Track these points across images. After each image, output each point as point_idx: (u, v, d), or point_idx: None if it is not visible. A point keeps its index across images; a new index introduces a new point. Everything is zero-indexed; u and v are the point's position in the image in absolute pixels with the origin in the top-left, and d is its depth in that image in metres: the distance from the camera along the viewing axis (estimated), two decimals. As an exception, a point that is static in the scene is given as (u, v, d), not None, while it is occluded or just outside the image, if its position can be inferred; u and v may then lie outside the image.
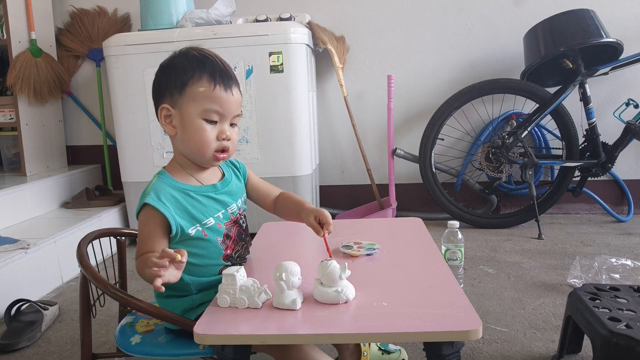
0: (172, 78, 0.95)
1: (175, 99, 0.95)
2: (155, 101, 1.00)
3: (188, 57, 0.97)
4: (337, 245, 1.14)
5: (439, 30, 2.77)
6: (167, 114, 0.96)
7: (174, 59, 0.98)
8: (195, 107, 0.94)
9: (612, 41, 2.29)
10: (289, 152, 2.31)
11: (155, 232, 0.92)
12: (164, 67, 0.99)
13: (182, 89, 0.94)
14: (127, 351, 1.01)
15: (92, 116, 3.06)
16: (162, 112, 0.97)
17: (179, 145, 0.99)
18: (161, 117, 0.97)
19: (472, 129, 2.78)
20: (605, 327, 1.06)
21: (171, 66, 0.97)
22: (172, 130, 0.97)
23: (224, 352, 0.81)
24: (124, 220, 2.59)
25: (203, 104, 0.94)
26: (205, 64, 0.95)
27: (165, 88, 0.96)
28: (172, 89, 0.95)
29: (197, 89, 0.93)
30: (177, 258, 0.80)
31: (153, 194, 0.93)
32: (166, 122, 0.97)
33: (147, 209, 0.92)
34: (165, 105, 0.96)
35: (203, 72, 0.94)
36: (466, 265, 1.89)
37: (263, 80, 2.26)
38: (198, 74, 0.94)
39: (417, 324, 0.76)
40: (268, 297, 0.85)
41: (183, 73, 0.95)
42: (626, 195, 2.73)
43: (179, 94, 0.95)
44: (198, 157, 0.98)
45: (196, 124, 0.94)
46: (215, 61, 0.96)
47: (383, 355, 1.27)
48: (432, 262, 1.03)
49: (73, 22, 2.96)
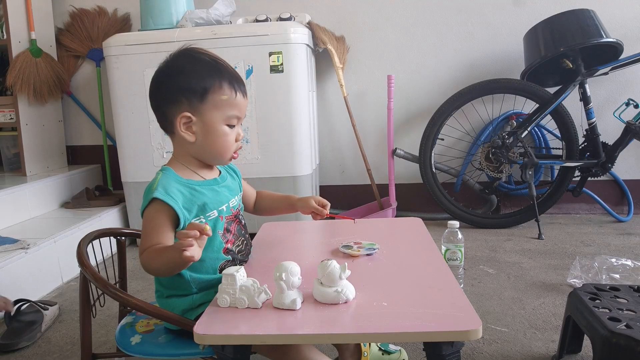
0: (188, 85, 0.95)
1: (196, 106, 0.95)
2: (164, 107, 0.98)
3: (199, 62, 0.97)
4: (337, 245, 1.14)
5: (439, 30, 2.77)
6: (187, 121, 0.96)
7: (180, 62, 0.97)
8: (219, 114, 0.96)
9: (612, 41, 2.29)
10: (289, 152, 2.31)
11: (164, 225, 0.92)
12: (173, 72, 0.97)
13: (203, 96, 0.95)
14: (127, 351, 1.01)
15: (92, 116, 3.06)
16: (181, 119, 0.96)
17: (197, 149, 0.99)
18: (180, 124, 0.96)
19: (472, 129, 2.78)
20: (605, 327, 1.06)
21: (183, 71, 0.96)
22: (192, 137, 0.97)
23: (224, 352, 0.81)
24: (124, 220, 2.59)
25: (226, 111, 0.97)
26: (220, 70, 0.97)
27: (180, 94, 0.95)
28: (191, 96, 0.95)
29: (220, 97, 0.96)
30: (206, 229, 0.81)
31: (161, 188, 0.93)
32: (185, 130, 0.97)
33: (156, 204, 0.93)
34: (186, 113, 0.96)
35: (222, 79, 0.96)
36: (466, 265, 1.89)
37: (263, 80, 2.26)
38: (218, 82, 0.96)
39: (417, 324, 0.76)
40: (268, 297, 0.85)
41: (202, 80, 0.95)
42: (626, 195, 2.73)
43: (200, 101, 0.95)
44: (216, 159, 1.02)
45: (221, 130, 0.97)
46: (227, 66, 0.99)
47: (383, 356, 1.27)
48: (432, 262, 1.03)
49: (73, 22, 2.96)
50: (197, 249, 0.82)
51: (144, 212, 0.94)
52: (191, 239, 0.80)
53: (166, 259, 0.86)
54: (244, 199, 1.19)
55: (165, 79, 0.98)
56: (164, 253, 0.87)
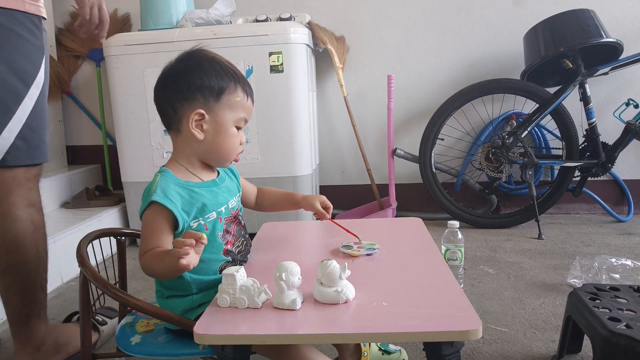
0: (207, 82, 0.96)
1: (211, 104, 0.97)
2: (176, 102, 0.97)
3: (218, 63, 0.99)
4: (337, 245, 1.14)
5: (439, 30, 2.77)
6: (200, 118, 0.97)
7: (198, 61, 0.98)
8: (231, 115, 0.98)
9: (612, 41, 2.29)
10: (289, 152, 2.31)
11: (162, 228, 0.93)
12: (190, 69, 0.97)
13: (219, 96, 0.97)
14: (127, 351, 1.01)
15: (92, 116, 3.06)
16: (193, 116, 0.96)
17: (203, 148, 1.00)
18: (192, 120, 0.97)
19: (472, 129, 2.78)
20: (605, 327, 1.06)
21: (202, 69, 0.97)
22: (201, 135, 0.98)
23: (224, 352, 0.81)
24: (124, 220, 2.59)
25: (238, 112, 0.99)
26: (235, 73, 1.00)
27: (197, 91, 0.96)
28: (208, 94, 0.96)
29: (234, 99, 0.98)
30: (203, 238, 0.82)
31: (159, 191, 0.93)
32: (195, 126, 0.97)
33: (154, 207, 0.93)
34: (201, 110, 0.96)
35: (237, 82, 0.99)
36: (466, 265, 1.89)
37: (263, 80, 2.26)
38: (234, 84, 0.98)
39: (417, 324, 0.76)
40: (268, 297, 0.85)
41: (220, 79, 0.97)
42: (626, 195, 2.72)
43: (215, 100, 0.97)
44: (221, 160, 1.03)
45: (231, 131, 0.99)
46: (237, 70, 1.01)
47: (383, 356, 1.27)
48: (432, 262, 1.03)
49: (73, 21, 2.96)
50: (193, 256, 0.82)
51: (142, 215, 0.94)
52: (187, 247, 0.81)
53: (163, 265, 0.87)
54: (244, 196, 1.19)
55: (182, 75, 0.98)
56: (162, 258, 0.87)
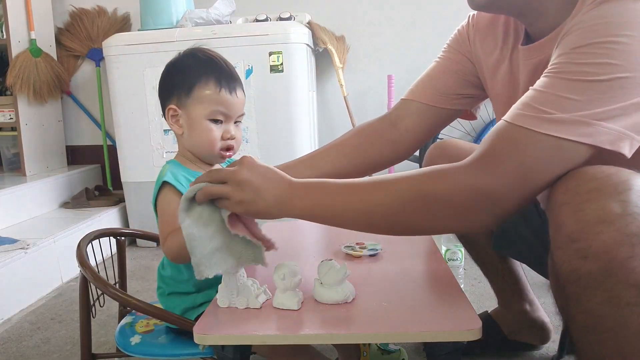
0: (179, 80, 0.99)
1: (183, 100, 0.99)
2: (162, 100, 1.03)
3: (195, 60, 1.00)
4: (339, 245, 1.14)
5: (439, 31, 2.76)
6: (174, 114, 1.00)
7: (180, 60, 1.02)
8: (201, 108, 0.98)
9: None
10: (289, 152, 2.31)
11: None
12: (171, 68, 1.02)
13: (190, 91, 0.98)
14: (127, 351, 1.01)
15: (92, 116, 3.06)
16: (169, 112, 1.01)
17: (186, 143, 1.03)
18: (168, 116, 1.01)
19: (472, 129, 2.78)
20: (606, 327, 1.06)
21: (178, 68, 1.01)
22: (179, 130, 1.01)
23: (224, 352, 0.81)
24: (124, 220, 2.59)
25: (209, 106, 0.98)
26: (211, 67, 0.99)
27: (172, 89, 1.00)
28: (180, 90, 0.99)
29: (204, 92, 0.98)
30: None
31: (170, 174, 0.95)
32: (173, 122, 1.01)
33: (167, 191, 0.94)
34: (172, 106, 1.00)
35: (209, 75, 0.98)
36: (466, 265, 1.89)
37: (263, 80, 2.26)
38: (205, 77, 0.98)
39: (417, 324, 0.76)
40: (268, 297, 0.85)
41: (190, 75, 0.98)
42: (626, 195, 2.72)
43: (186, 95, 0.98)
44: (206, 154, 1.03)
45: (203, 125, 0.99)
46: (221, 63, 1.00)
47: (383, 355, 1.27)
48: (432, 262, 1.03)
49: (73, 22, 2.96)
50: None
51: (156, 202, 0.96)
52: None
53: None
54: None
55: (163, 75, 1.03)
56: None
